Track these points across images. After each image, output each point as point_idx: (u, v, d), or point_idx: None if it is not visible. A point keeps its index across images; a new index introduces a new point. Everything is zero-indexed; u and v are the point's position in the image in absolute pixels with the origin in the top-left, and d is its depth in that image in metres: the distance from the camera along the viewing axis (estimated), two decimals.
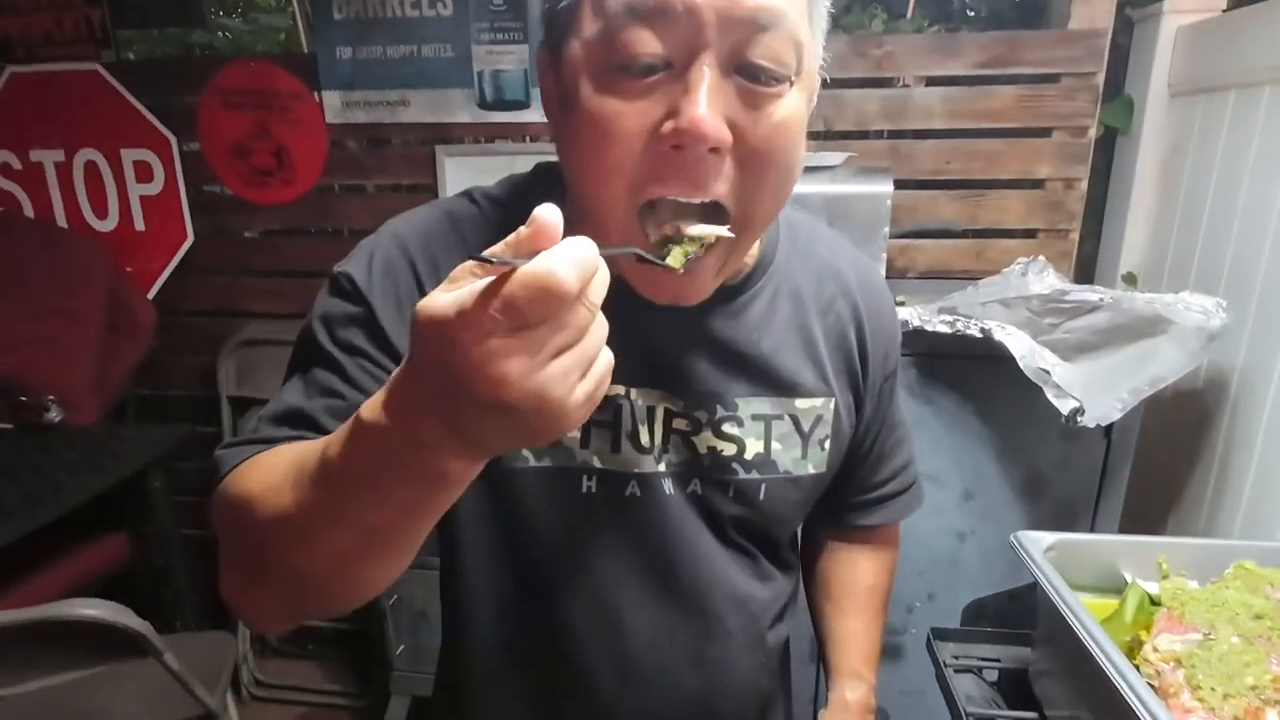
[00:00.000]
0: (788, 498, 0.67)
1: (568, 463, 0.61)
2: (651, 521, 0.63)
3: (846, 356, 0.68)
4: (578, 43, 0.48)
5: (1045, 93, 1.58)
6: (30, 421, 1.72)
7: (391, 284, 0.58)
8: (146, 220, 1.90)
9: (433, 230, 0.61)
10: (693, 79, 0.45)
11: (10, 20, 1.83)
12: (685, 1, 0.44)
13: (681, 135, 0.45)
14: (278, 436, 0.54)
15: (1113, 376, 1.03)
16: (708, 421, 0.62)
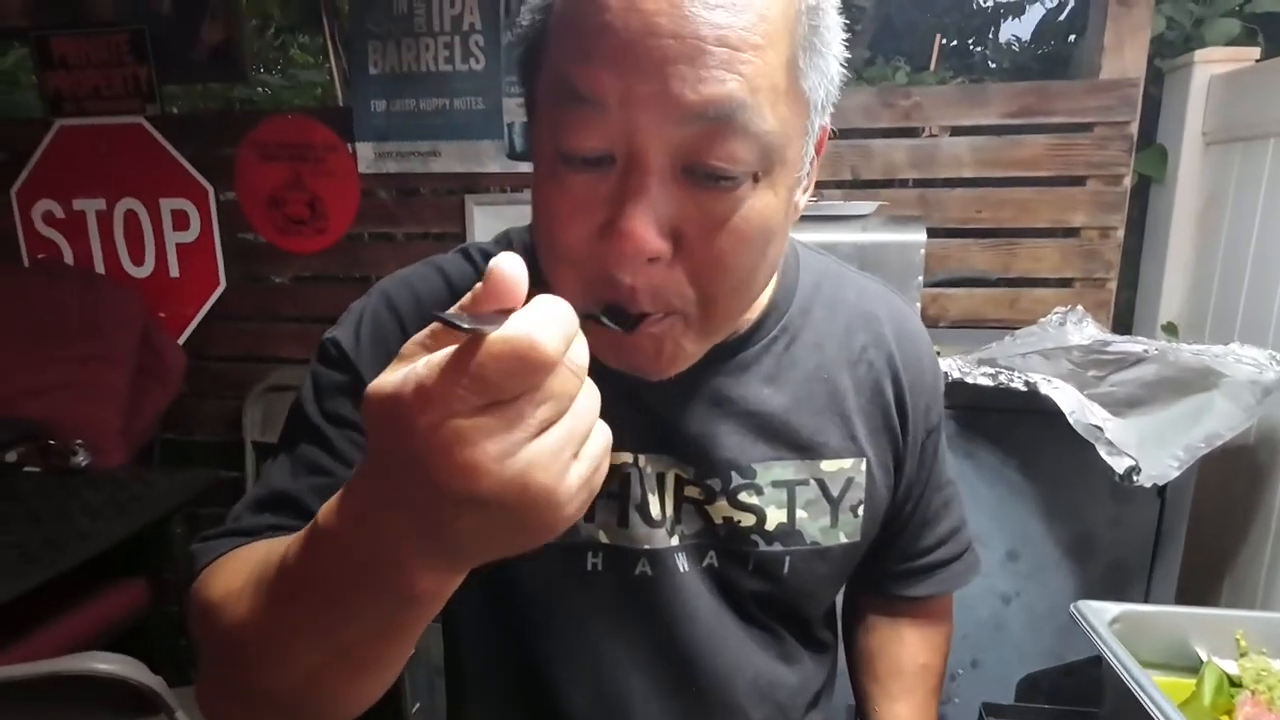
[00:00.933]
0: (815, 571, 0.60)
1: (571, 539, 0.55)
2: (664, 603, 0.57)
3: (883, 411, 0.61)
4: (543, 108, 0.43)
5: (1077, 142, 1.56)
6: (57, 465, 1.72)
7: (381, 348, 0.54)
8: (181, 267, 1.94)
9: (424, 288, 0.56)
10: (631, 184, 0.40)
11: (62, 76, 1.91)
12: (619, 93, 0.38)
13: (613, 254, 0.41)
14: (258, 526, 0.49)
15: (1165, 433, 0.98)
16: (722, 490, 0.56)
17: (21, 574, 1.33)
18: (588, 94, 0.39)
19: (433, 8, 1.69)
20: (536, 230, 0.47)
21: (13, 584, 1.30)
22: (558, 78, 0.40)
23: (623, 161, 0.41)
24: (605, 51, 0.38)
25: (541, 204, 0.44)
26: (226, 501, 2.14)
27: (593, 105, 0.39)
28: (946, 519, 0.71)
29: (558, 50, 0.40)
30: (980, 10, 3.24)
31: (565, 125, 0.40)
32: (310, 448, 0.53)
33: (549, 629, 0.57)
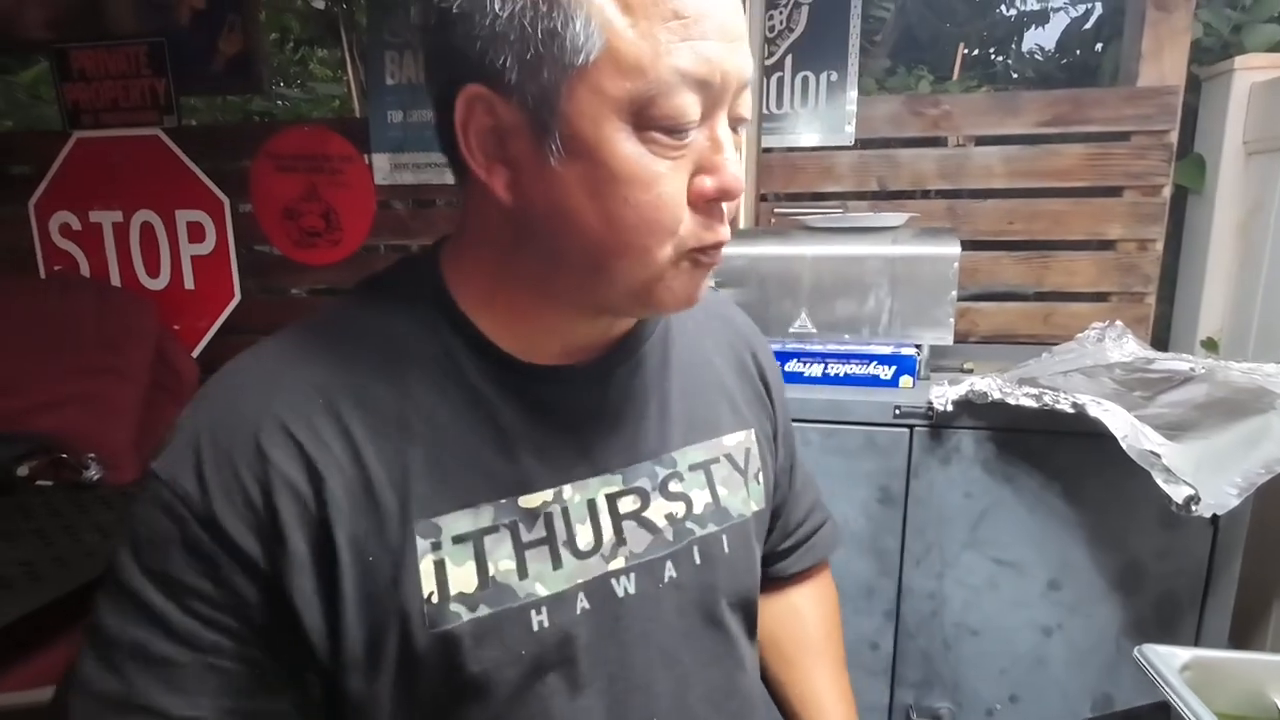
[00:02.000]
0: (747, 545, 0.63)
1: (509, 602, 0.51)
2: (608, 632, 0.54)
3: (753, 387, 0.68)
4: (595, 98, 0.44)
5: (1114, 151, 1.51)
6: (70, 479, 1.71)
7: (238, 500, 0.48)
8: (197, 279, 1.93)
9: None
10: (721, 135, 0.48)
11: (80, 88, 1.91)
12: (725, 74, 0.46)
13: (724, 192, 0.48)
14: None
15: (1222, 459, 0.92)
16: (654, 487, 0.57)
17: (28, 594, 1.30)
18: (703, 75, 0.45)
19: None
20: (624, 220, 0.47)
21: (19, 603, 1.27)
22: (652, 63, 0.44)
23: (708, 122, 0.47)
24: (710, 33, 0.45)
25: (639, 189, 0.46)
26: None
27: (704, 84, 0.45)
28: (809, 491, 0.79)
29: (644, 44, 0.44)
30: (1003, 19, 3.20)
31: (678, 101, 0.45)
32: (143, 631, 0.47)
33: (499, 706, 0.51)
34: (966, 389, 1.04)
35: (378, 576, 0.48)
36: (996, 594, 1.14)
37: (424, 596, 0.48)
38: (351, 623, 0.48)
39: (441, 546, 0.49)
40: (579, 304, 0.53)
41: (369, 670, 0.49)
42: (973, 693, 1.17)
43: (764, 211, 1.59)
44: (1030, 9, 3.17)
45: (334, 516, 0.47)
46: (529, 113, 0.45)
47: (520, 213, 0.49)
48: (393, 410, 0.50)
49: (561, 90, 0.44)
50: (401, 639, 0.48)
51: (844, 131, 1.62)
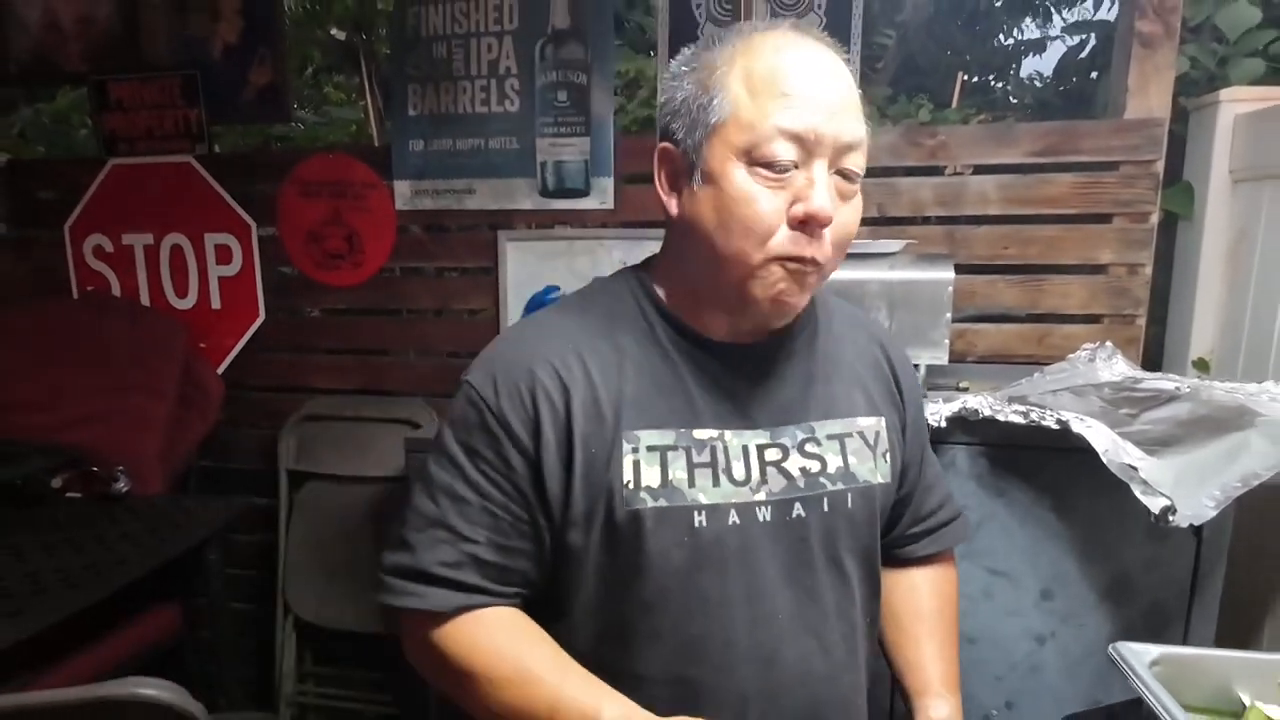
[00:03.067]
0: (870, 506, 0.77)
1: (679, 501, 0.70)
2: (751, 545, 0.72)
3: (884, 383, 0.82)
4: (723, 145, 0.67)
5: (1104, 180, 1.58)
6: (99, 492, 1.77)
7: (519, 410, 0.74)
8: (223, 299, 2.00)
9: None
10: (816, 176, 0.65)
11: (116, 117, 2.00)
12: (817, 135, 0.64)
13: (810, 216, 0.65)
14: (468, 585, 0.71)
15: (1202, 472, 0.97)
16: (794, 445, 0.74)
17: (64, 599, 1.36)
18: (797, 131, 0.64)
19: (470, 52, 1.76)
20: (722, 220, 0.67)
21: (56, 609, 1.33)
22: (766, 122, 0.65)
23: (805, 164, 0.66)
24: (808, 105, 0.64)
25: (739, 198, 0.66)
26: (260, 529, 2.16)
27: (798, 138, 0.64)
28: (941, 487, 0.91)
29: (756, 111, 0.65)
30: (1001, 48, 3.29)
31: (775, 147, 0.65)
32: (450, 477, 0.72)
33: (663, 577, 0.70)
34: (959, 406, 1.10)
35: (596, 464, 0.70)
36: (991, 603, 1.19)
37: (624, 482, 0.69)
38: (577, 492, 0.70)
39: (639, 451, 0.70)
40: (714, 302, 0.73)
41: (585, 528, 0.70)
42: (970, 699, 1.21)
43: None
44: (1029, 38, 3.27)
45: (574, 419, 0.70)
46: (687, 157, 0.69)
47: (682, 224, 0.71)
48: (613, 358, 0.73)
49: (704, 142, 0.68)
50: (607, 510, 0.69)
51: None
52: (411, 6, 1.78)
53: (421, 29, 1.78)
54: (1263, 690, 0.67)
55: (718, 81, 0.67)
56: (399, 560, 0.72)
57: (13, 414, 1.86)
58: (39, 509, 1.71)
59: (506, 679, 0.68)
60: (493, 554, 0.71)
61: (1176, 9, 1.51)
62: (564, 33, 1.70)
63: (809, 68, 0.65)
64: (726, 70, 0.67)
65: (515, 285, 1.81)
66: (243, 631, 2.08)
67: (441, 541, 0.71)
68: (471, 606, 0.71)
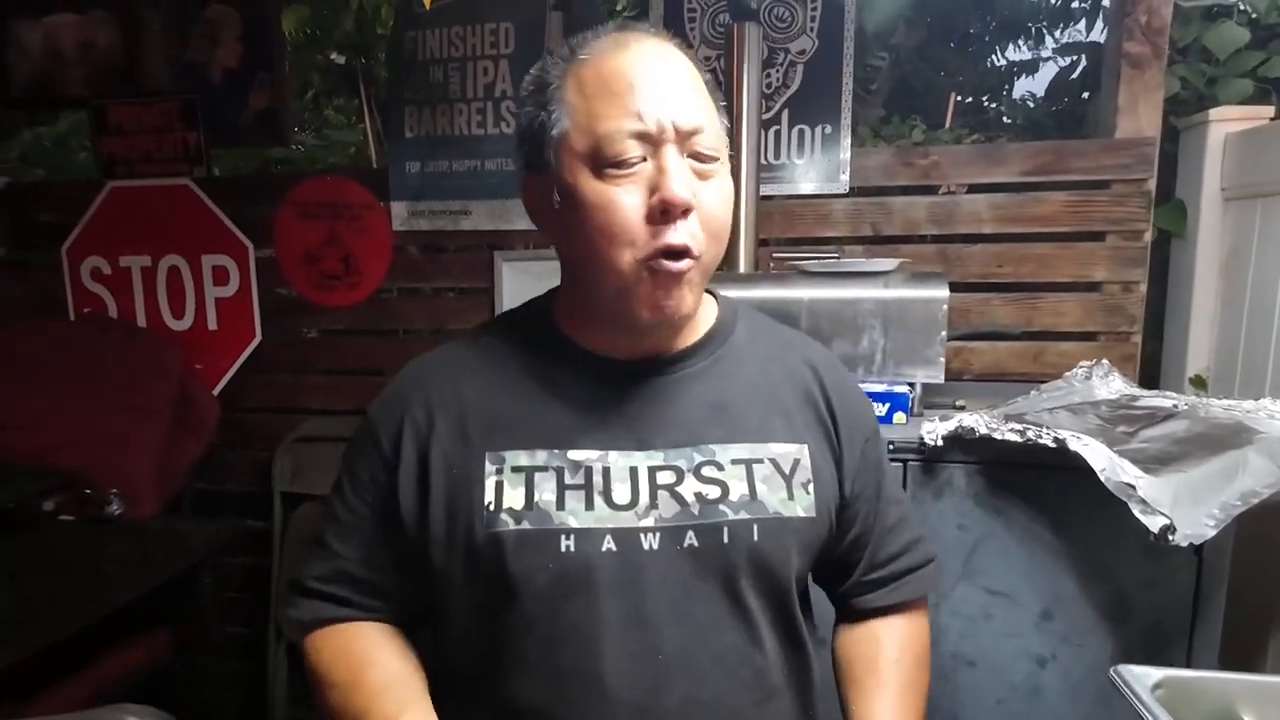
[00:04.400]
0: (783, 540, 0.70)
1: (545, 524, 0.67)
2: (630, 576, 0.67)
3: (815, 411, 0.76)
4: (570, 157, 0.66)
5: (1095, 199, 1.59)
6: (92, 514, 1.76)
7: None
8: (220, 320, 2.01)
9: None
10: (667, 163, 0.64)
11: (116, 140, 2.02)
12: (657, 122, 0.64)
13: (667, 203, 0.63)
14: (340, 598, 0.74)
15: (1200, 491, 0.97)
16: (689, 469, 0.69)
17: (54, 624, 1.34)
18: (637, 127, 0.63)
19: (466, 76, 1.78)
20: (588, 233, 0.65)
21: (45, 634, 1.31)
22: (602, 123, 0.64)
23: (654, 155, 0.64)
24: (642, 101, 0.64)
25: (595, 207, 0.64)
26: (253, 551, 2.14)
27: (640, 134, 0.63)
28: (905, 530, 0.82)
29: (591, 115, 0.65)
30: (994, 69, 3.32)
31: (620, 147, 0.63)
32: (344, 510, 0.75)
33: (528, 606, 0.67)
34: (956, 425, 1.10)
35: (457, 483, 0.69)
36: (991, 624, 1.17)
37: (485, 504, 0.67)
38: (437, 512, 0.69)
39: (503, 472, 0.68)
40: (603, 318, 0.71)
41: (447, 548, 0.69)
42: None
43: (763, 256, 1.67)
44: (1021, 59, 3.30)
45: (435, 439, 0.70)
46: (545, 178, 0.68)
47: (559, 249, 0.72)
48: (494, 382, 0.72)
49: (554, 158, 0.67)
50: (467, 530, 0.68)
51: (839, 180, 1.70)
52: (409, 31, 1.80)
53: (419, 53, 1.80)
54: (1268, 714, 0.66)
55: (551, 97, 0.66)
56: (292, 576, 0.77)
57: (6, 435, 1.85)
58: (31, 532, 1.70)
59: (340, 684, 0.70)
60: (363, 570, 0.73)
61: (1164, 30, 1.53)
62: None
63: (635, 58, 0.65)
64: (559, 84, 0.66)
65: (512, 305, 1.81)
66: (235, 655, 2.05)
67: (319, 558, 0.74)
68: (339, 619, 0.73)
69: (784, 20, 1.65)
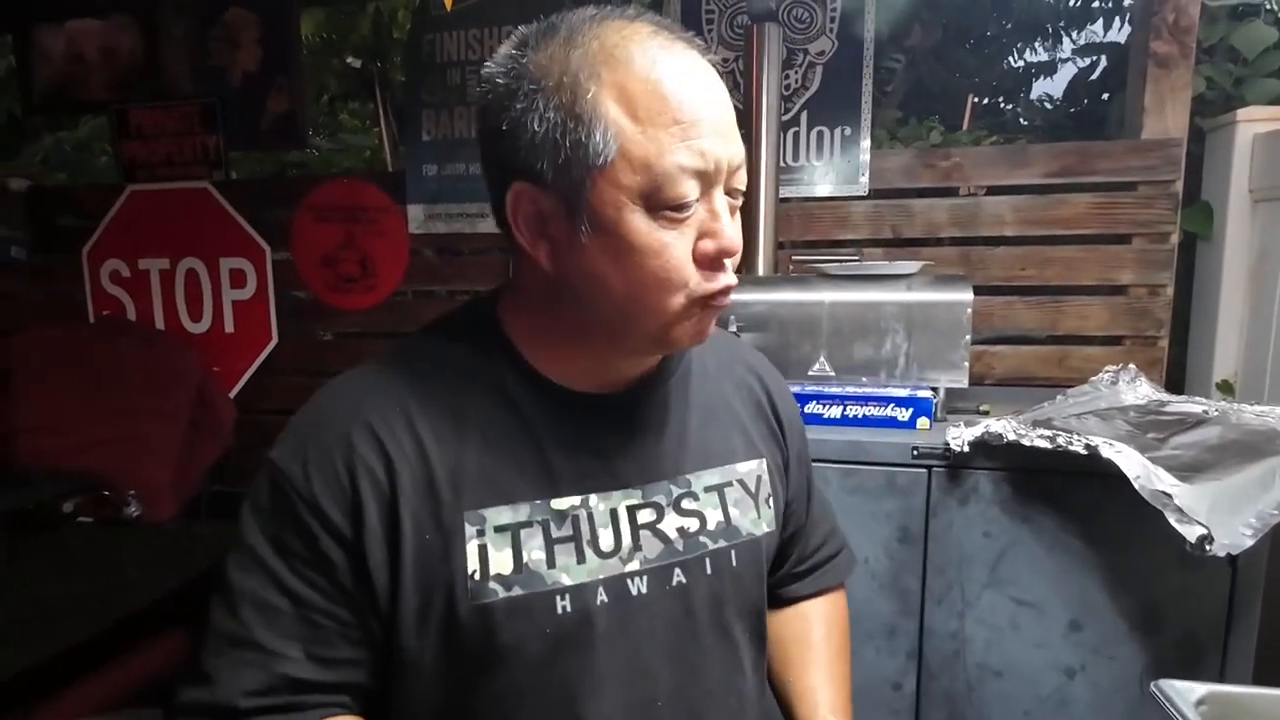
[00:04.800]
0: (756, 560, 0.70)
1: (538, 587, 0.60)
2: (621, 626, 0.62)
3: (766, 423, 0.75)
4: (612, 188, 0.56)
5: (1121, 200, 1.56)
6: (110, 516, 1.76)
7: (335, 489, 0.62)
8: (237, 323, 2.01)
9: None
10: (720, 208, 0.58)
11: (136, 144, 2.03)
12: (718, 162, 0.57)
13: (725, 253, 0.59)
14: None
15: (1237, 500, 0.94)
16: (669, 503, 0.66)
17: (70, 627, 1.35)
18: (700, 167, 0.56)
19: None
20: (630, 274, 0.57)
21: (61, 636, 1.32)
22: (666, 159, 0.55)
23: (706, 196, 0.58)
24: (706, 133, 0.56)
25: (647, 250, 0.57)
26: None
27: (701, 173, 0.56)
28: (825, 521, 0.85)
29: (651, 147, 0.55)
30: (1011, 70, 3.29)
31: (680, 189, 0.56)
32: (257, 582, 0.59)
33: (524, 675, 0.60)
34: (982, 430, 1.08)
35: (432, 552, 0.58)
36: (1018, 634, 1.15)
37: (468, 573, 0.58)
38: (408, 587, 0.58)
39: (485, 534, 0.59)
40: (608, 347, 0.63)
41: (419, 630, 0.59)
42: None
43: (782, 259, 1.65)
44: (1039, 60, 3.27)
45: (401, 500, 0.58)
46: (563, 202, 0.57)
47: (559, 277, 0.60)
48: (451, 422, 0.61)
49: (587, 184, 0.56)
50: (447, 606, 0.58)
51: (858, 182, 1.69)
52: (427, 34, 1.80)
53: (437, 56, 1.80)
54: None
55: (589, 108, 0.54)
56: (196, 697, 0.58)
57: (28, 439, 1.86)
58: (50, 534, 1.71)
59: None
60: (311, 670, 0.59)
61: (1192, 29, 1.50)
62: None
63: (693, 83, 0.56)
64: (593, 89, 0.54)
65: None
66: None
67: (247, 664, 0.58)
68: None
69: (803, 21, 1.63)
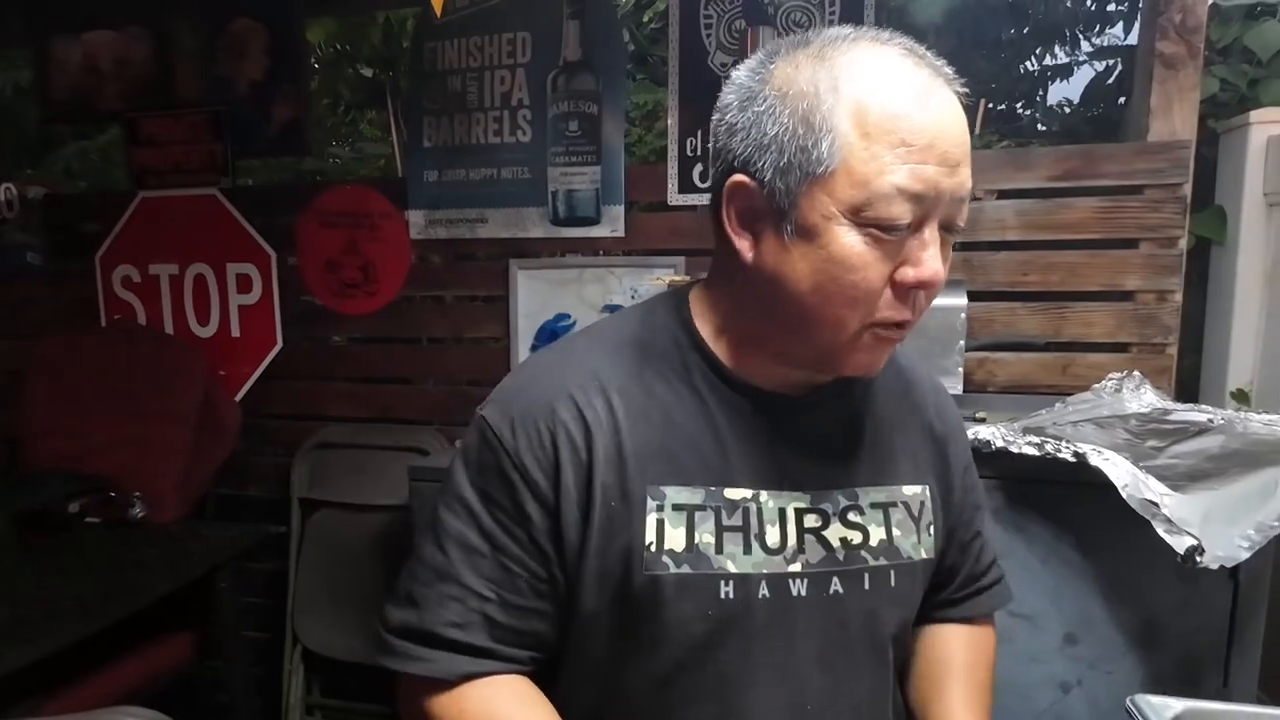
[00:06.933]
0: (914, 585, 0.70)
1: (705, 569, 0.63)
2: (780, 623, 0.65)
3: (934, 447, 0.74)
4: (825, 196, 0.57)
5: (1128, 204, 1.52)
6: (116, 517, 1.79)
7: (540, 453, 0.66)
8: (243, 328, 2.04)
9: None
10: (929, 239, 0.57)
11: (147, 152, 2.07)
12: (939, 190, 0.56)
13: (924, 285, 0.58)
14: (476, 648, 0.64)
15: (1235, 510, 0.91)
16: (835, 512, 0.67)
17: (75, 625, 1.36)
18: (918, 191, 0.55)
19: (484, 85, 1.78)
20: (818, 283, 0.58)
21: (65, 635, 1.34)
22: (886, 179, 0.55)
23: (918, 224, 0.57)
24: (930, 159, 0.55)
25: (842, 263, 0.57)
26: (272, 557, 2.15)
27: (919, 197, 0.55)
28: (987, 549, 0.82)
29: (873, 164, 0.55)
30: (1027, 74, 3.25)
31: (893, 209, 0.55)
32: (463, 524, 0.65)
33: (683, 652, 0.64)
34: (971, 437, 1.05)
35: (615, 519, 0.63)
36: (1012, 647, 1.12)
37: (645, 543, 0.62)
38: (593, 549, 0.63)
39: (664, 509, 0.63)
40: (783, 354, 0.65)
41: (598, 590, 0.63)
42: None
43: None
44: (1055, 64, 3.22)
45: (595, 466, 0.63)
46: (775, 201, 0.59)
47: (754, 271, 0.62)
48: (641, 400, 0.65)
49: (801, 189, 0.57)
50: (624, 572, 0.62)
51: None
52: (429, 42, 1.82)
53: (438, 63, 1.81)
54: None
55: (823, 119, 0.56)
56: (404, 619, 0.65)
57: (41, 442, 1.91)
58: (57, 534, 1.74)
59: None
60: (505, 614, 0.64)
61: (1200, 29, 1.47)
62: (575, 64, 1.71)
63: (931, 110, 0.55)
64: (831, 101, 0.56)
65: (526, 313, 1.81)
66: (257, 659, 2.07)
67: (450, 598, 0.64)
68: (479, 673, 0.64)
69: (801, 25, 1.62)
